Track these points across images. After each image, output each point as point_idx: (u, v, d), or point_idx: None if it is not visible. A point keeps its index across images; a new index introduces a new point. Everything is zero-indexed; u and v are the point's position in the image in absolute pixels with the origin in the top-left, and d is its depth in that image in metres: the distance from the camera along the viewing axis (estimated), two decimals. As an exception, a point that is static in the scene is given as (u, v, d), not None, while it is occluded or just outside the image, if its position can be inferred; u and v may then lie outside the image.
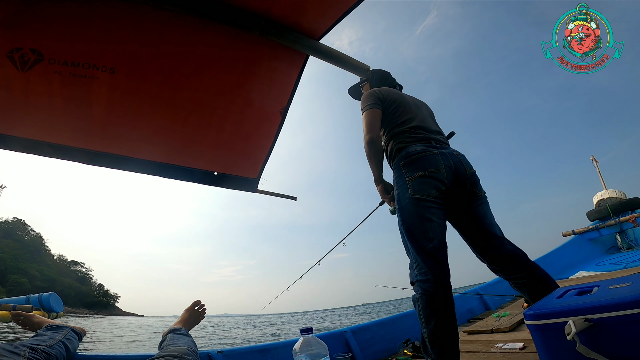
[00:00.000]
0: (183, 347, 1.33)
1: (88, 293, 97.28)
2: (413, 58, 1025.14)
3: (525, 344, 1.65)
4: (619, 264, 3.72)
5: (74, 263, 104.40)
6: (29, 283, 72.20)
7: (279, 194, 2.26)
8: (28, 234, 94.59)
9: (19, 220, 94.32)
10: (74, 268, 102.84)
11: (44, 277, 79.48)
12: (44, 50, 1.37)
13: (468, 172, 1.48)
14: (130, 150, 1.82)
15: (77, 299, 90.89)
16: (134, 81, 1.54)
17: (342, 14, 1.44)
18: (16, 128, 1.59)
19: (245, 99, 1.74)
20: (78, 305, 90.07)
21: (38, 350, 1.16)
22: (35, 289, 72.34)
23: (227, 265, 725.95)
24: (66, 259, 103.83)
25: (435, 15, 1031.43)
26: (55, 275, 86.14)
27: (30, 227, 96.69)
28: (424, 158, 1.44)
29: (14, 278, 69.93)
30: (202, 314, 1.82)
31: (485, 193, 1.53)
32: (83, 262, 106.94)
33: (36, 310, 6.03)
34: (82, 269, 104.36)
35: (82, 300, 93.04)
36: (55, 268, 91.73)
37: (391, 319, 2.53)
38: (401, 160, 1.50)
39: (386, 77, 1.91)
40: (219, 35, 1.50)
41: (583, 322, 0.82)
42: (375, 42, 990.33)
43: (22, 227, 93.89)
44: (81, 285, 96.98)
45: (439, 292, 1.27)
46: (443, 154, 1.46)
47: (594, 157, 6.77)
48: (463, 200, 1.48)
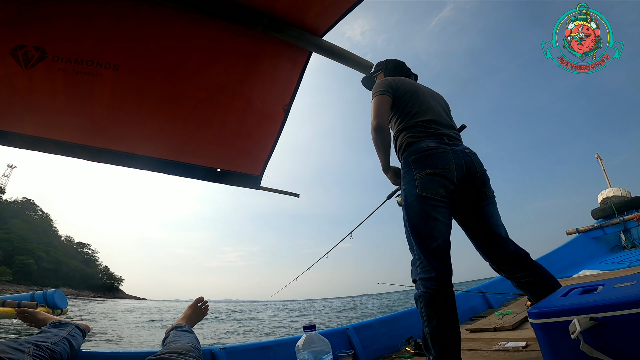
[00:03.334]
0: (186, 343, 1.33)
1: (93, 275, 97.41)
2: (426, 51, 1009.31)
3: (528, 342, 1.64)
4: (622, 262, 3.70)
5: (80, 244, 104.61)
6: (36, 265, 73.00)
7: (282, 190, 2.26)
8: (37, 214, 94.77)
9: (28, 201, 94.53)
10: (81, 250, 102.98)
11: (50, 259, 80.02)
12: (48, 47, 1.37)
13: (478, 172, 1.45)
14: (133, 147, 1.83)
15: (81, 281, 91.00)
16: (137, 78, 1.54)
17: (345, 10, 1.43)
18: (20, 125, 1.60)
19: (248, 96, 1.74)
20: (82, 287, 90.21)
21: (42, 347, 1.17)
22: (41, 270, 73.73)
23: (230, 251, 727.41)
24: (73, 240, 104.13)
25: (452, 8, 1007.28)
26: (61, 256, 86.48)
27: (39, 208, 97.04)
28: (435, 155, 1.41)
29: (21, 259, 70.65)
30: (205, 311, 1.83)
31: (494, 193, 1.51)
32: (89, 244, 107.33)
33: (41, 307, 6.09)
34: (89, 251, 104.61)
35: (87, 282, 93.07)
36: (62, 249, 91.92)
37: (393, 317, 2.53)
38: (411, 155, 1.45)
39: (401, 66, 1.85)
40: (222, 32, 1.49)
41: (588, 320, 0.82)
42: (388, 34, 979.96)
43: (31, 207, 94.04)
44: (86, 267, 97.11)
45: (441, 291, 1.27)
46: (455, 152, 1.42)
47: (598, 155, 6.73)
48: (471, 199, 1.45)
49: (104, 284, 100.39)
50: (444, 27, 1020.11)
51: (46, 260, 78.21)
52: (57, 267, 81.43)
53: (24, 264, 70.22)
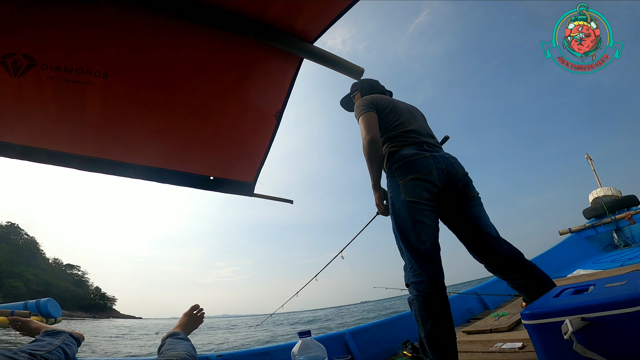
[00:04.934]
0: (182, 351, 1.32)
1: (85, 296, 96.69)
2: (406, 56, 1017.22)
3: (524, 343, 1.65)
4: (616, 261, 3.74)
5: (69, 266, 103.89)
6: (25, 287, 71.80)
7: (275, 197, 2.26)
8: (22, 238, 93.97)
9: (13, 225, 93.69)
10: (70, 271, 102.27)
11: (39, 281, 79.09)
12: (37, 55, 1.36)
13: (460, 174, 1.50)
14: (125, 156, 1.81)
15: (74, 302, 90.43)
16: (128, 86, 1.53)
17: (336, 16, 1.43)
18: (9, 134, 1.58)
19: (240, 102, 1.74)
20: (75, 308, 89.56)
21: (37, 356, 1.15)
22: (32, 292, 72.12)
23: (224, 266, 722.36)
24: (62, 263, 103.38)
25: (428, 13, 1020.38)
26: (51, 278, 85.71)
27: (24, 231, 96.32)
28: (415, 161, 1.46)
29: (10, 282, 69.55)
30: (200, 318, 1.81)
31: (479, 194, 1.54)
32: (79, 266, 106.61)
33: (34, 316, 5.98)
34: (78, 272, 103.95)
35: (79, 303, 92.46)
36: (50, 272, 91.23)
37: (390, 320, 2.53)
38: (394, 163, 1.51)
39: (375, 85, 1.95)
40: (212, 40, 1.49)
41: (580, 321, 0.82)
42: (368, 41, 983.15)
43: (15, 231, 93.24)
44: (77, 288, 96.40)
45: (434, 293, 1.28)
46: (435, 157, 1.48)
47: (588, 156, 6.82)
48: (457, 202, 1.49)
49: (96, 304, 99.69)
50: (422, 31, 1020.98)
51: (35, 283, 77.25)
52: (47, 289, 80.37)
53: (13, 286, 69.17)
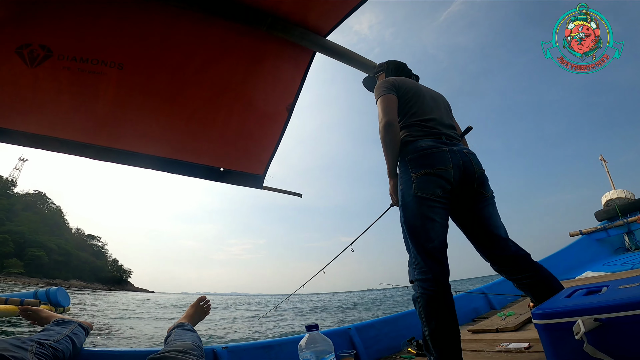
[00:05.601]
0: (188, 342, 1.33)
1: (102, 267, 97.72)
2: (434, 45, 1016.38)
3: (531, 343, 1.63)
4: (626, 264, 3.68)
5: (90, 237, 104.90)
6: (47, 257, 73.58)
7: (284, 190, 2.26)
8: (48, 207, 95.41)
9: (40, 193, 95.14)
10: (91, 242, 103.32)
11: (61, 251, 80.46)
12: (53, 46, 1.38)
13: (477, 172, 1.43)
14: (136, 146, 1.83)
15: (91, 273, 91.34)
16: (142, 77, 1.55)
17: (349, 11, 1.43)
18: (24, 123, 1.60)
19: (251, 95, 1.74)
20: (92, 279, 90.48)
21: (45, 345, 1.17)
22: (52, 262, 74.47)
23: (236, 243, 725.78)
24: (83, 233, 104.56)
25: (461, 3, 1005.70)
26: (72, 249, 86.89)
27: (51, 200, 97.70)
28: (432, 155, 1.39)
29: (32, 252, 71.18)
30: (207, 310, 1.83)
31: (493, 193, 1.49)
32: (99, 237, 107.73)
33: (43, 305, 6.12)
34: (99, 243, 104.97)
35: (97, 274, 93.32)
36: (72, 242, 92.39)
37: (395, 317, 2.52)
38: (408, 154, 1.44)
39: (402, 67, 1.84)
40: (226, 32, 1.50)
41: (592, 321, 0.81)
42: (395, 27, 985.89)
43: (42, 200, 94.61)
44: (96, 259, 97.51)
45: (438, 292, 1.26)
46: (452, 152, 1.41)
47: (602, 157, 6.69)
48: (469, 200, 1.44)
49: (113, 276, 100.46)
50: (453, 21, 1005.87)
51: (57, 253, 78.74)
52: (67, 259, 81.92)
53: (36, 256, 70.72)
